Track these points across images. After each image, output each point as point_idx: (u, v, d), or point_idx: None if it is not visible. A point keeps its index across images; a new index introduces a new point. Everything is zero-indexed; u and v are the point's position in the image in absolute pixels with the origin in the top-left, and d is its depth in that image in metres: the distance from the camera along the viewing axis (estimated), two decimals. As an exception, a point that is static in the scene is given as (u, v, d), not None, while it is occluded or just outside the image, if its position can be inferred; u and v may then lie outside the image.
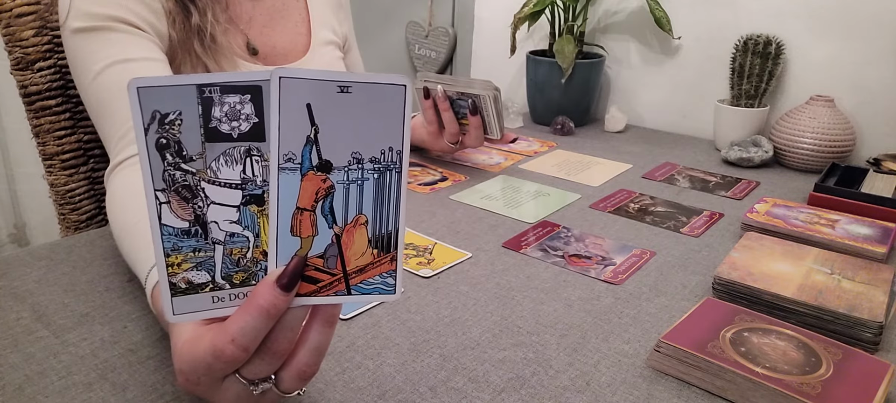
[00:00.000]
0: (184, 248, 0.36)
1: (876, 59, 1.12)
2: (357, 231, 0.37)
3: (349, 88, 0.34)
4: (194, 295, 0.37)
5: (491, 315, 0.61)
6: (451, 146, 1.01)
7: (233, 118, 0.34)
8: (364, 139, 0.36)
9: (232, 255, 0.37)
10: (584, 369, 0.54)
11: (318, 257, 0.37)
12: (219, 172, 0.35)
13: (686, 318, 0.57)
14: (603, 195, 0.94)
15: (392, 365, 0.53)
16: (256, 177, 0.36)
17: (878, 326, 0.56)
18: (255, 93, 0.34)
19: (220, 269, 0.37)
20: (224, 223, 0.36)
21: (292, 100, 0.34)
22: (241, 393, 0.39)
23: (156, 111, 0.33)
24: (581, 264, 0.72)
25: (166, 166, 0.34)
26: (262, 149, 0.35)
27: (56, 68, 0.85)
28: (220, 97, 0.34)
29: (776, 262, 0.67)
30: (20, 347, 0.53)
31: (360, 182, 0.36)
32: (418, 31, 1.82)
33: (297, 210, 0.36)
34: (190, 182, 0.35)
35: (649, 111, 1.41)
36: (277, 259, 0.36)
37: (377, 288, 0.38)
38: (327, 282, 0.37)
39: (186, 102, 0.33)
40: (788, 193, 0.97)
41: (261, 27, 0.87)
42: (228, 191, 0.36)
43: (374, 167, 0.36)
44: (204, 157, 0.35)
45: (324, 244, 0.37)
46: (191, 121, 0.34)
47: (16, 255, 0.68)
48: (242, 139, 0.35)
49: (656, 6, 1.27)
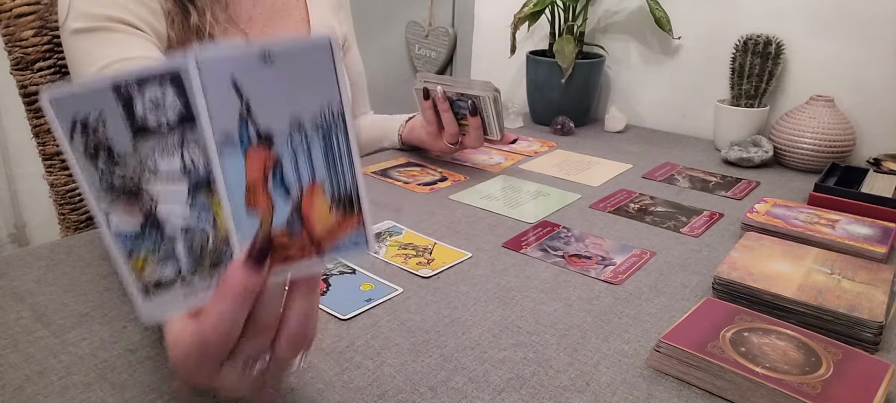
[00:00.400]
0: (142, 249, 0.35)
1: (876, 59, 1.12)
2: (315, 196, 0.36)
3: (271, 56, 0.33)
4: (165, 292, 0.36)
5: (491, 315, 0.61)
6: (450, 147, 1.01)
7: (157, 109, 0.33)
8: (299, 104, 0.35)
9: (194, 246, 0.36)
10: (584, 369, 0.53)
11: (282, 230, 0.36)
12: (157, 167, 0.34)
13: (686, 318, 0.57)
14: (603, 195, 0.94)
15: (392, 365, 0.53)
16: (197, 163, 0.35)
17: (878, 326, 0.56)
18: (175, 80, 0.33)
19: (184, 262, 0.36)
20: (177, 216, 0.35)
21: (214, 79, 0.33)
22: (239, 375, 0.39)
23: (75, 119, 0.32)
24: (581, 264, 0.72)
25: (101, 172, 0.33)
26: (195, 135, 0.34)
27: (56, 68, 0.85)
28: (139, 91, 0.33)
29: (776, 262, 0.67)
30: (20, 347, 0.53)
31: (306, 147, 0.35)
32: (418, 31, 1.82)
33: (248, 188, 0.35)
34: (129, 183, 0.34)
35: (649, 111, 1.41)
36: (239, 240, 0.36)
37: (348, 246, 0.37)
38: (298, 251, 0.37)
39: (106, 103, 0.32)
40: (788, 193, 0.97)
41: (261, 27, 0.87)
42: (172, 184, 0.35)
43: (316, 129, 0.35)
44: (137, 155, 0.34)
45: (284, 215, 0.36)
46: (115, 122, 0.33)
47: (16, 255, 0.68)
48: (172, 128, 0.34)
49: (656, 6, 1.27)
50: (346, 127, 0.35)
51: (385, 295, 0.63)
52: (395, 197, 0.90)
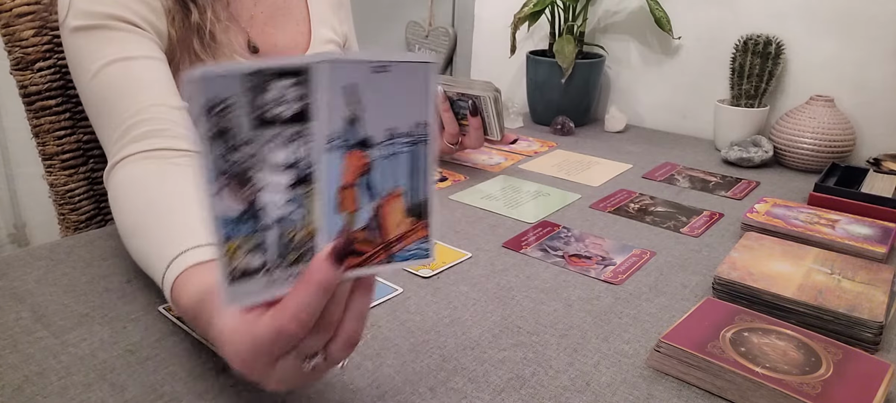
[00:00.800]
0: (239, 234, 0.37)
1: (876, 59, 1.12)
2: (394, 202, 0.39)
3: (386, 68, 0.36)
4: (249, 279, 0.38)
5: (491, 315, 0.61)
6: (450, 147, 1.01)
7: (280, 102, 0.35)
8: (397, 115, 0.38)
9: (283, 237, 0.38)
10: (584, 369, 0.53)
11: (361, 230, 0.39)
12: (269, 156, 0.36)
13: (686, 318, 0.57)
14: (603, 195, 0.94)
15: (392, 366, 0.53)
16: (303, 158, 0.37)
17: (878, 326, 0.56)
18: (301, 77, 0.35)
19: (273, 252, 0.38)
20: (276, 206, 0.37)
21: (337, 82, 0.35)
22: (293, 370, 0.40)
23: (207, 101, 0.34)
24: (581, 264, 0.72)
25: (219, 155, 0.35)
26: (308, 131, 0.36)
27: (56, 68, 0.85)
28: (269, 83, 0.34)
29: (776, 262, 0.67)
30: (19, 347, 0.53)
31: (396, 156, 0.38)
32: (418, 31, 1.82)
33: (342, 187, 0.38)
34: (242, 168, 0.36)
35: (649, 111, 1.41)
36: (325, 237, 0.38)
37: (415, 253, 0.40)
38: (371, 253, 0.39)
39: (236, 90, 0.34)
40: (788, 193, 0.97)
41: (262, 25, 0.87)
42: (279, 175, 0.37)
43: (406, 141, 0.38)
44: (253, 144, 0.35)
45: (365, 217, 0.39)
46: (241, 109, 0.34)
47: (16, 255, 0.68)
48: (289, 123, 0.36)
49: (656, 6, 1.27)
50: (431, 142, 0.39)
51: (385, 295, 0.63)
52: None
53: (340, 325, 0.40)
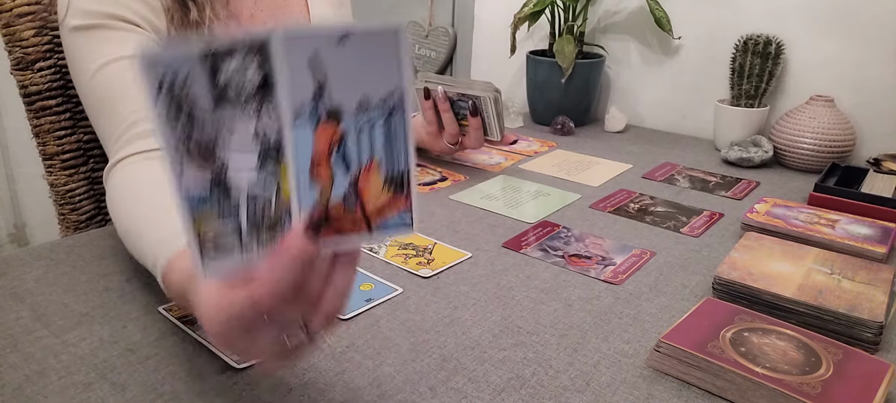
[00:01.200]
0: (207, 209, 0.37)
1: (876, 59, 1.12)
2: (372, 173, 0.39)
3: (347, 37, 0.35)
4: (224, 253, 0.38)
5: (491, 315, 0.61)
6: (450, 147, 1.01)
7: (240, 77, 0.35)
8: (368, 84, 0.37)
9: (256, 210, 0.38)
10: (584, 369, 0.53)
11: (339, 203, 0.39)
12: (232, 131, 0.36)
13: (686, 318, 0.57)
14: (603, 195, 0.94)
15: (392, 365, 0.53)
16: (270, 132, 0.36)
17: (878, 326, 0.56)
18: (260, 51, 0.34)
19: (246, 225, 0.38)
20: (244, 179, 0.37)
21: (296, 55, 0.35)
22: (274, 344, 0.40)
23: (162, 80, 0.33)
24: (581, 264, 0.72)
25: (180, 133, 0.35)
26: (272, 104, 0.36)
27: (56, 68, 0.85)
28: (225, 58, 0.34)
29: (776, 262, 0.67)
30: (20, 347, 0.53)
31: (369, 126, 0.38)
32: (418, 31, 1.82)
33: (314, 161, 0.37)
34: (204, 146, 0.36)
35: (649, 111, 1.41)
36: (300, 209, 0.38)
37: (395, 225, 0.40)
38: (349, 225, 0.39)
39: (192, 68, 0.34)
40: (788, 193, 0.97)
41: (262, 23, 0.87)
42: (244, 148, 0.36)
43: (380, 111, 0.38)
44: (215, 119, 0.35)
45: (342, 189, 0.38)
46: (199, 86, 0.34)
47: (16, 255, 0.68)
48: (251, 97, 0.35)
49: (656, 6, 1.27)
50: (406, 111, 0.38)
51: (385, 295, 0.63)
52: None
53: (320, 301, 0.40)
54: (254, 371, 0.51)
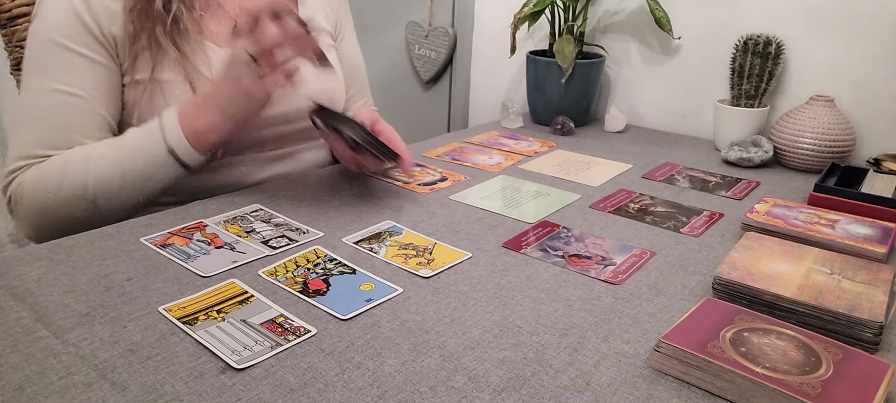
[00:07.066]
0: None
1: (876, 59, 1.12)
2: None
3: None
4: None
5: (491, 315, 0.61)
6: (361, 169, 0.95)
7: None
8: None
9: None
10: (584, 369, 0.53)
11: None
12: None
13: (686, 318, 0.57)
14: (603, 195, 0.94)
15: (392, 365, 0.53)
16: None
17: (878, 326, 0.56)
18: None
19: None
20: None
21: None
22: (249, 70, 0.74)
23: None
24: (581, 264, 0.72)
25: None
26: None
27: (56, 68, 0.85)
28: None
29: (776, 262, 0.67)
30: (20, 347, 0.53)
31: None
32: (418, 31, 1.82)
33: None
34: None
35: (649, 111, 1.41)
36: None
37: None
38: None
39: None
40: (788, 193, 0.97)
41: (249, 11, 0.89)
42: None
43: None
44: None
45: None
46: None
47: (16, 255, 0.68)
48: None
49: (656, 6, 1.27)
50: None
51: (385, 296, 0.63)
52: (395, 197, 0.90)
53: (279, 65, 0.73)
54: (253, 372, 0.51)
